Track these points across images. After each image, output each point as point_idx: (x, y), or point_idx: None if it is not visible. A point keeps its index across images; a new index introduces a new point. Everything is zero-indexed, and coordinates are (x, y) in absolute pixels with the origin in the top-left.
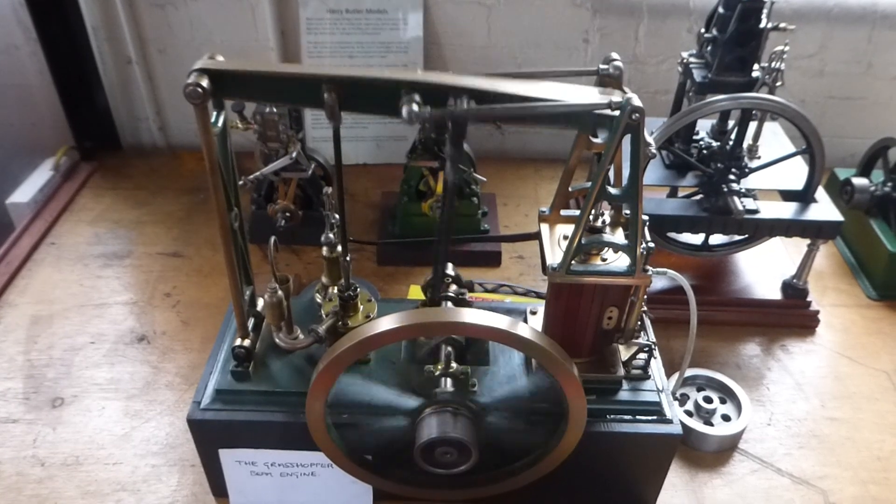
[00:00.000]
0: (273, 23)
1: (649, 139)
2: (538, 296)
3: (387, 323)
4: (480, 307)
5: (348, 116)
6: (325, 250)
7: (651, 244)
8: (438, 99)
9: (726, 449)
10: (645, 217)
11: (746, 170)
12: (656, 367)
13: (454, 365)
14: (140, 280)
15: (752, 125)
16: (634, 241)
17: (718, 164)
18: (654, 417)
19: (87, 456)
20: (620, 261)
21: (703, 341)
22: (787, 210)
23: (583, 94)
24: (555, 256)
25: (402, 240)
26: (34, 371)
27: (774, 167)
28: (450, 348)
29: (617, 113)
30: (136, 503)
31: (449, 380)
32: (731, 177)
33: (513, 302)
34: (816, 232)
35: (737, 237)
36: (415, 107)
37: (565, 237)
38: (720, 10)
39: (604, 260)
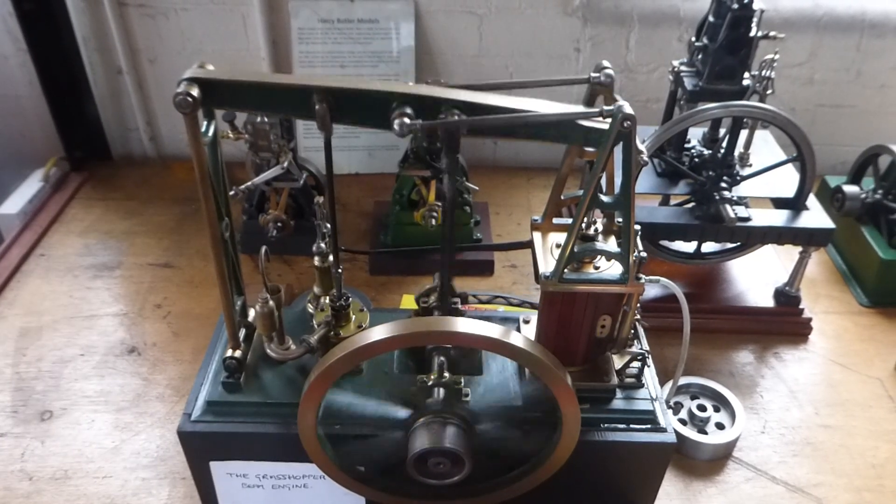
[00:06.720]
0: (264, 32)
1: (641, 147)
2: (533, 307)
3: (379, 333)
4: (473, 316)
5: (340, 126)
6: (316, 260)
7: (644, 254)
8: (430, 111)
9: (720, 457)
10: (637, 226)
11: (738, 178)
12: (650, 375)
13: (447, 375)
14: (130, 291)
15: (744, 133)
16: (627, 249)
17: (710, 172)
18: (648, 426)
19: (76, 470)
20: (613, 269)
21: (696, 349)
22: (778, 217)
23: (573, 109)
24: (547, 265)
25: (395, 249)
26: (22, 384)
27: (766, 175)
28: (442, 358)
29: (607, 124)
30: None
31: (441, 390)
32: (723, 185)
33: (506, 311)
34: (808, 239)
35: (729, 245)
36: (406, 120)
37: (558, 245)
38: (710, 18)
39: (596, 268)
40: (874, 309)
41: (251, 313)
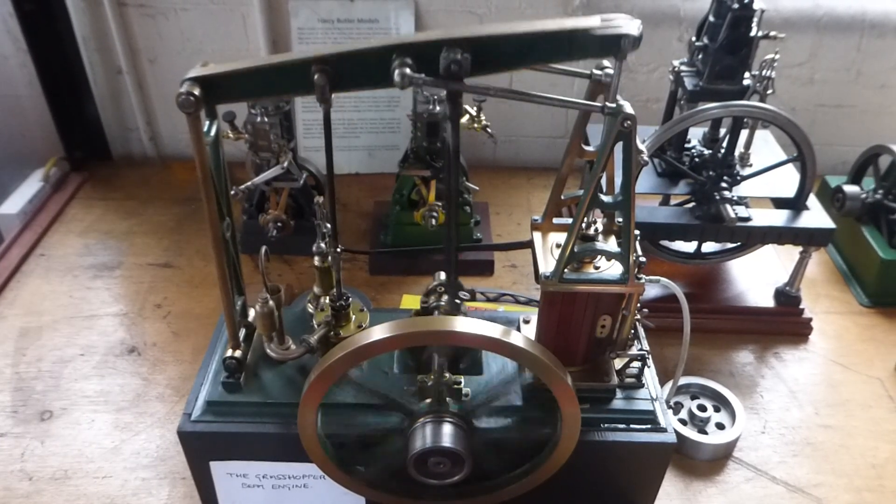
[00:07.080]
0: (264, 32)
1: (641, 147)
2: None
3: (379, 332)
4: (473, 316)
5: (340, 126)
6: (316, 260)
7: (643, 259)
8: (432, 62)
9: (720, 457)
10: (636, 232)
11: (738, 177)
12: (650, 375)
13: (447, 374)
14: (130, 291)
15: (744, 133)
16: (627, 249)
17: (710, 172)
18: (648, 426)
19: (76, 470)
20: (613, 269)
21: (696, 349)
22: (779, 217)
23: (581, 22)
24: (547, 265)
25: (395, 249)
26: (22, 384)
27: (766, 175)
28: (442, 357)
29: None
30: None
31: (442, 389)
32: (723, 184)
33: (506, 311)
34: (808, 239)
35: (729, 245)
36: (407, 70)
37: (558, 245)
38: (711, 18)
39: (597, 268)
40: (874, 309)
41: (251, 313)
